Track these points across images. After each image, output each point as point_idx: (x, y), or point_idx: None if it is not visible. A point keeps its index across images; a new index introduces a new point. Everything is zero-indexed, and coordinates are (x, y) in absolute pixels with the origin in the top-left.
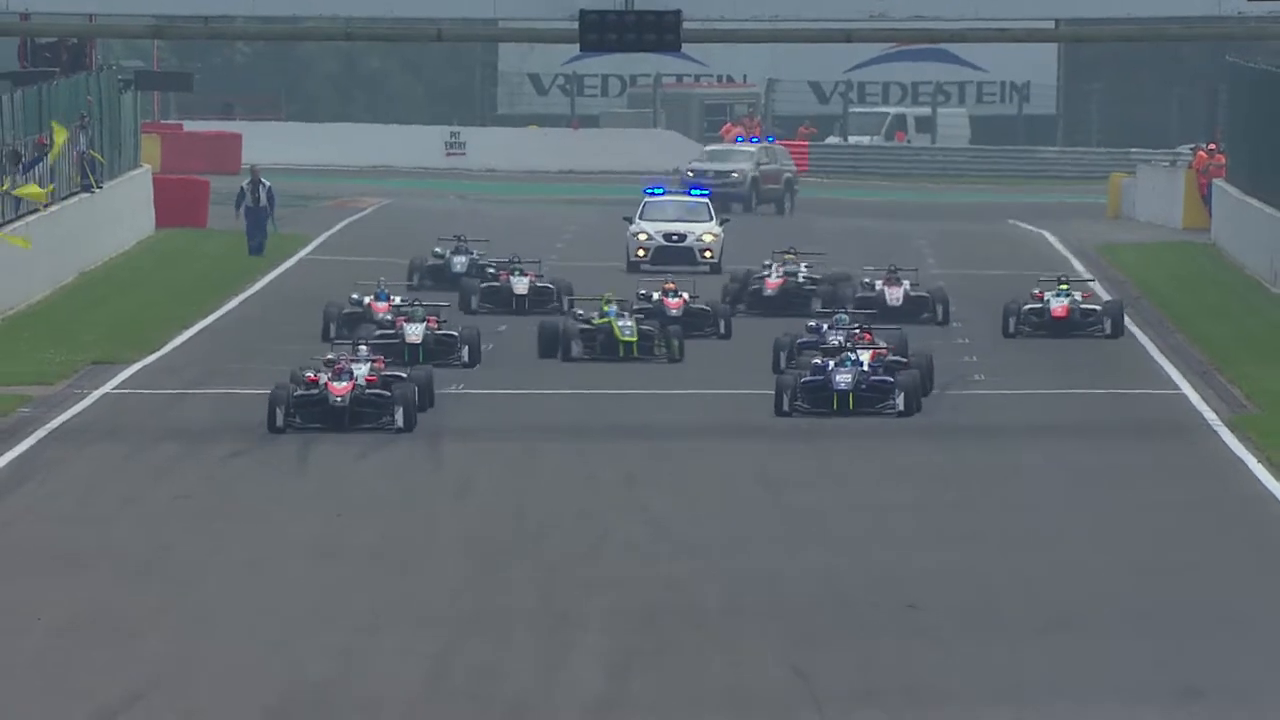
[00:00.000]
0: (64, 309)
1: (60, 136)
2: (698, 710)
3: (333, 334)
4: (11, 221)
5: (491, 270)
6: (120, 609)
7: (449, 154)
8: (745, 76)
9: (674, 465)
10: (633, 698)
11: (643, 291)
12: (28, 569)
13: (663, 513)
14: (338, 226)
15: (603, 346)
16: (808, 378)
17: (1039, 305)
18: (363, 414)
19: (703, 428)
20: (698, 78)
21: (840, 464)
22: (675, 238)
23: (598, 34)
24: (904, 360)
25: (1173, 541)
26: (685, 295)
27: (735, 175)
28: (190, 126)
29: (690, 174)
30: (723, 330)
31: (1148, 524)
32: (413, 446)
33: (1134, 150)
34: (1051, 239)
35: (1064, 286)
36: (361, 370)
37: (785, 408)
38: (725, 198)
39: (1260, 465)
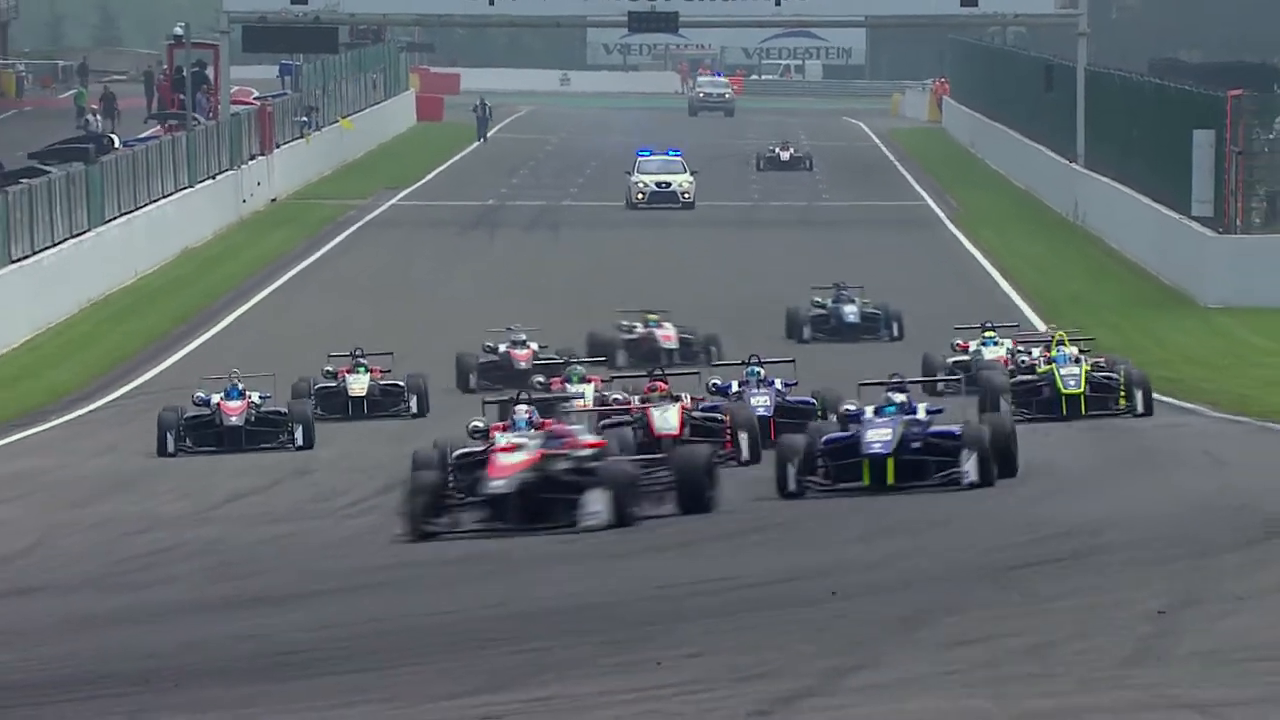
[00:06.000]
0: (371, 162)
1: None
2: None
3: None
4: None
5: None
6: (392, 307)
7: (561, 85)
8: (710, 44)
9: None
10: None
11: (489, 344)
12: (357, 289)
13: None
14: (506, 120)
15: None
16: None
17: (966, 358)
18: None
19: None
20: (687, 45)
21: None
22: (663, 185)
23: (637, 23)
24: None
25: (918, 274)
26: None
27: (727, 95)
28: (434, 69)
29: (701, 95)
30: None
31: (910, 264)
32: None
33: (904, 81)
34: (863, 125)
35: (990, 334)
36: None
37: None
38: (721, 109)
39: (966, 240)
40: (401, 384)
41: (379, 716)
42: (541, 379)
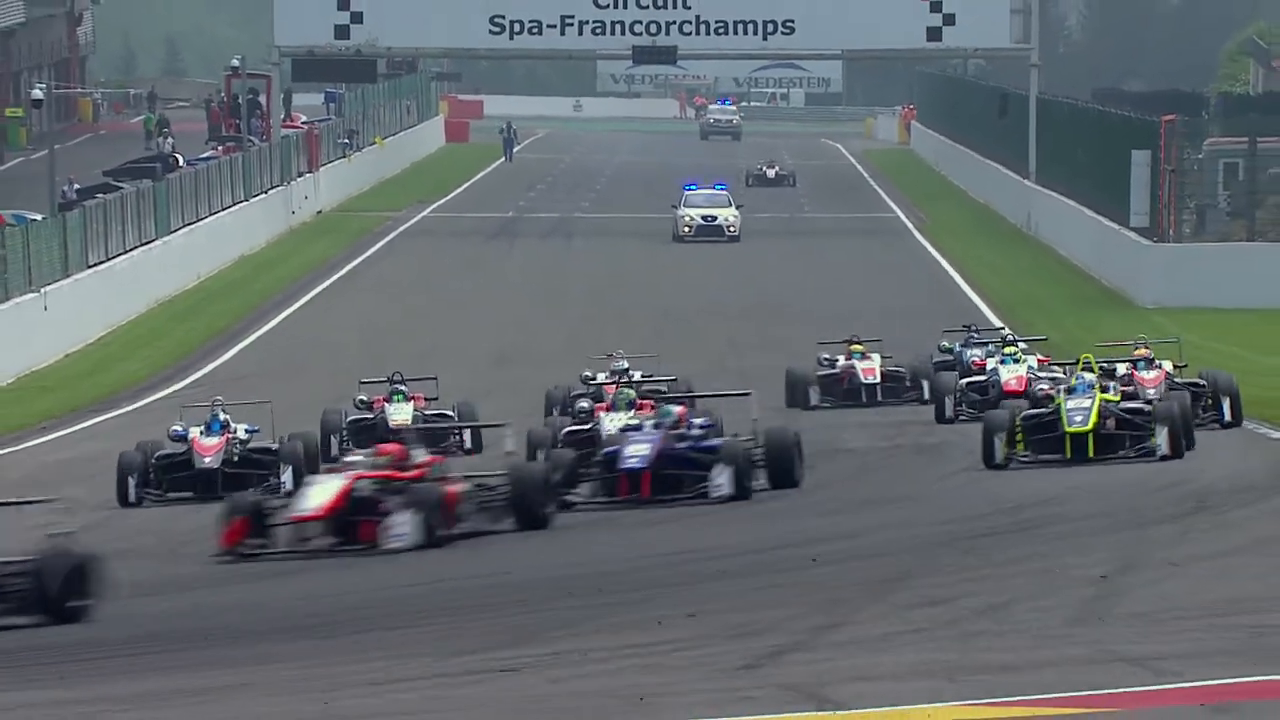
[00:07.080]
0: (405, 179)
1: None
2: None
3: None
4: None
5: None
6: (423, 307)
7: (574, 110)
8: (705, 75)
9: None
10: None
11: (587, 373)
12: (393, 290)
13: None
14: (525, 142)
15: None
16: None
17: (981, 378)
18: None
19: None
20: (684, 75)
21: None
22: (710, 218)
23: (640, 56)
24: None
25: (889, 278)
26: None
27: (734, 121)
28: (461, 97)
29: (712, 121)
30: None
31: (882, 270)
32: None
33: (877, 107)
34: (841, 147)
35: (1011, 350)
36: None
37: None
38: (729, 134)
39: (931, 247)
40: (451, 413)
41: (413, 668)
42: (586, 405)
